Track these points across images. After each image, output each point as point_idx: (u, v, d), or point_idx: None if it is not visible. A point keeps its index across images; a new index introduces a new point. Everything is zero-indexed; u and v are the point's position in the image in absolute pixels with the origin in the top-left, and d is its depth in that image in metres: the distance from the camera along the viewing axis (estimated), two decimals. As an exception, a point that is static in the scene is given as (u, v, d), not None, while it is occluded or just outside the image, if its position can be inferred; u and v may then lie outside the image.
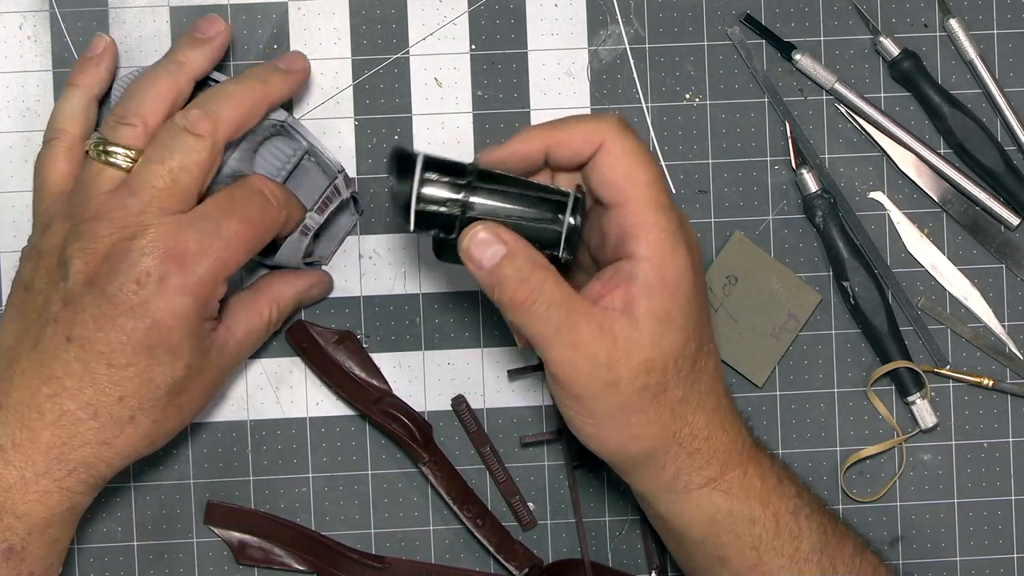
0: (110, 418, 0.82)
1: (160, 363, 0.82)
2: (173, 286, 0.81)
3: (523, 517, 0.97)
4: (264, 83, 0.87)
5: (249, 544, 0.96)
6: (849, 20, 0.97)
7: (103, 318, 0.81)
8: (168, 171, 0.83)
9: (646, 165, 0.81)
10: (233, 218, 0.83)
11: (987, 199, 0.97)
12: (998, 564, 0.98)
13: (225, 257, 0.82)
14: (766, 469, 0.85)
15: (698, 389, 0.82)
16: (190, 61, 0.87)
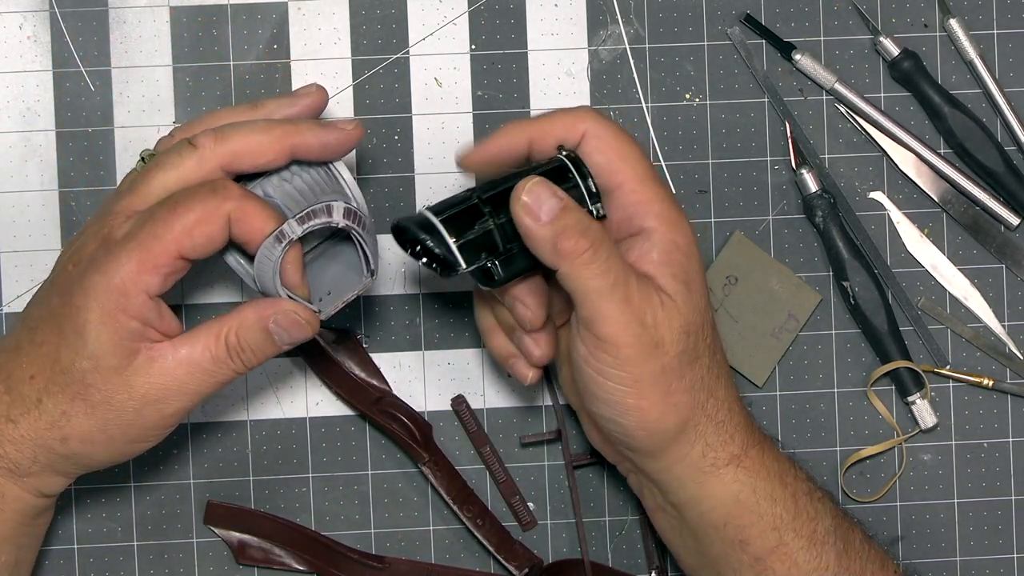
0: (20, 395, 0.81)
1: (67, 343, 0.80)
2: (94, 267, 0.80)
3: (523, 517, 0.97)
4: (294, 127, 0.83)
5: (249, 544, 0.96)
6: (849, 20, 0.97)
7: (44, 294, 0.83)
8: (150, 169, 0.82)
9: (631, 144, 0.84)
10: (165, 203, 0.81)
11: (987, 199, 0.97)
12: (998, 564, 0.98)
13: (150, 243, 0.80)
14: (778, 451, 0.86)
15: (718, 359, 0.84)
16: (263, 107, 0.85)
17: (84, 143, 0.95)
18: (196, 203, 0.80)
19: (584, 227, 0.81)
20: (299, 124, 0.83)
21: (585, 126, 0.83)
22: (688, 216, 0.96)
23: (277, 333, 0.83)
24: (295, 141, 0.83)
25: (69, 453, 0.82)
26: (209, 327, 0.82)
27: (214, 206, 0.80)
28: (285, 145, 0.82)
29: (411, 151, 0.96)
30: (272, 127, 0.83)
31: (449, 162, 0.96)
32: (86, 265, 0.81)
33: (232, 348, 0.83)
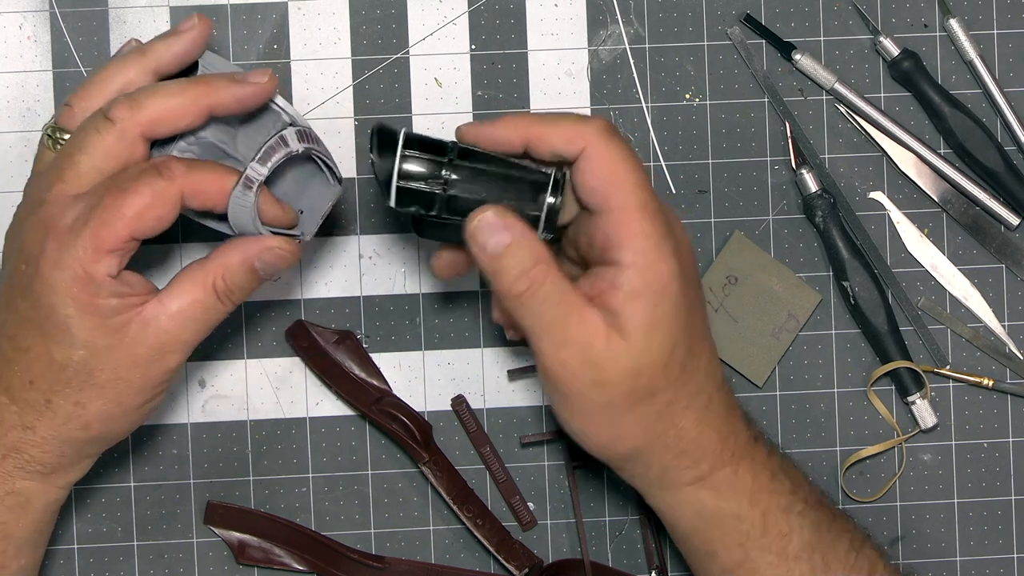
0: (26, 403, 0.81)
1: (55, 342, 0.80)
2: (48, 263, 0.79)
3: (523, 517, 0.97)
4: (209, 87, 0.81)
5: (249, 544, 0.96)
6: (849, 20, 0.97)
7: (8, 300, 0.81)
8: (72, 151, 0.81)
9: (630, 171, 0.80)
10: (113, 192, 0.79)
11: (987, 199, 0.97)
12: (998, 564, 0.98)
13: (101, 231, 0.79)
14: (760, 465, 0.85)
15: (687, 391, 0.82)
16: (152, 52, 0.83)
17: (84, 143, 0.95)
18: (144, 187, 0.79)
19: (524, 269, 0.79)
20: (213, 82, 0.82)
21: (584, 143, 0.80)
22: (688, 216, 0.97)
23: (263, 269, 0.83)
24: (211, 101, 0.81)
25: (93, 437, 0.83)
26: (193, 276, 0.82)
27: (162, 189, 0.80)
28: (202, 106, 0.81)
29: (411, 151, 0.96)
30: (186, 89, 0.81)
31: (449, 162, 0.96)
32: (40, 262, 0.80)
33: (221, 293, 0.83)
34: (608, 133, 0.80)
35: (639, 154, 0.96)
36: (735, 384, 0.97)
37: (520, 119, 0.82)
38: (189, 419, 0.96)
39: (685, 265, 0.81)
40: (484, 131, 0.82)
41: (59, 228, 0.79)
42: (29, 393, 0.81)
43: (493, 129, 0.82)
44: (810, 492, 0.87)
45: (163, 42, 0.84)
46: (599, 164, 0.80)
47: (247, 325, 0.96)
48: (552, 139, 0.81)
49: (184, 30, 0.84)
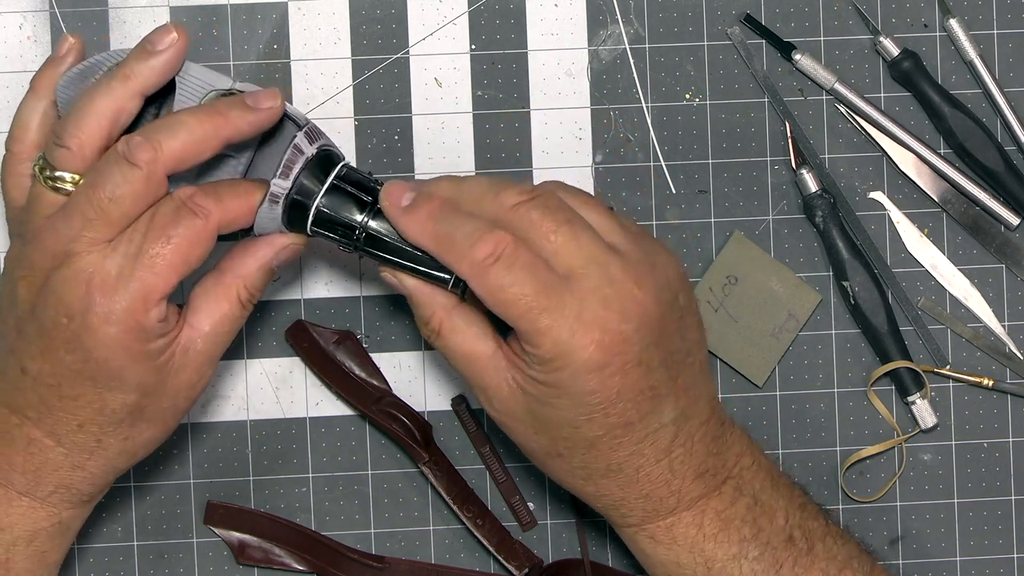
0: (75, 444, 0.81)
1: (108, 391, 0.80)
2: (98, 317, 0.78)
3: (523, 517, 0.97)
4: (223, 117, 0.80)
5: (249, 544, 0.96)
6: (849, 20, 0.97)
7: (46, 351, 0.80)
8: (99, 199, 0.79)
9: (512, 299, 0.79)
10: (155, 240, 0.79)
11: (987, 199, 0.97)
12: (998, 564, 0.98)
13: (151, 281, 0.79)
14: (712, 515, 0.84)
15: (603, 462, 0.83)
16: (136, 75, 0.81)
17: (84, 143, 0.95)
18: (185, 231, 0.79)
19: (424, 320, 0.83)
20: (228, 113, 0.81)
21: (464, 276, 0.80)
22: (688, 216, 0.97)
23: (277, 267, 0.84)
24: (229, 133, 0.81)
25: (135, 461, 0.84)
26: (216, 292, 0.83)
27: (201, 228, 0.79)
28: (221, 138, 0.80)
29: (411, 151, 0.96)
30: (203, 122, 0.80)
31: (449, 162, 0.96)
32: (88, 317, 0.78)
33: (245, 301, 0.83)
34: (483, 269, 0.79)
35: (639, 155, 0.96)
36: (735, 384, 0.97)
37: (420, 224, 0.80)
38: (189, 419, 0.96)
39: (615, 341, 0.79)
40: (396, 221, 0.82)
41: (104, 282, 0.78)
42: (78, 436, 0.81)
43: (401, 226, 0.81)
44: (773, 532, 0.85)
45: (144, 62, 0.81)
46: (481, 296, 0.80)
47: (247, 325, 0.96)
48: (440, 261, 0.81)
49: (163, 48, 0.81)
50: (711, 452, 0.84)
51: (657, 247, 0.83)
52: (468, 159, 0.96)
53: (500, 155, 0.96)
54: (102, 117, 0.80)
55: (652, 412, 0.81)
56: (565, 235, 0.79)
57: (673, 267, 0.83)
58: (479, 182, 0.82)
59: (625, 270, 0.80)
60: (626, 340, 0.79)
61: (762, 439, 0.97)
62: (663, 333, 0.81)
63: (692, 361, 0.83)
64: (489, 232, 0.79)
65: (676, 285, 0.82)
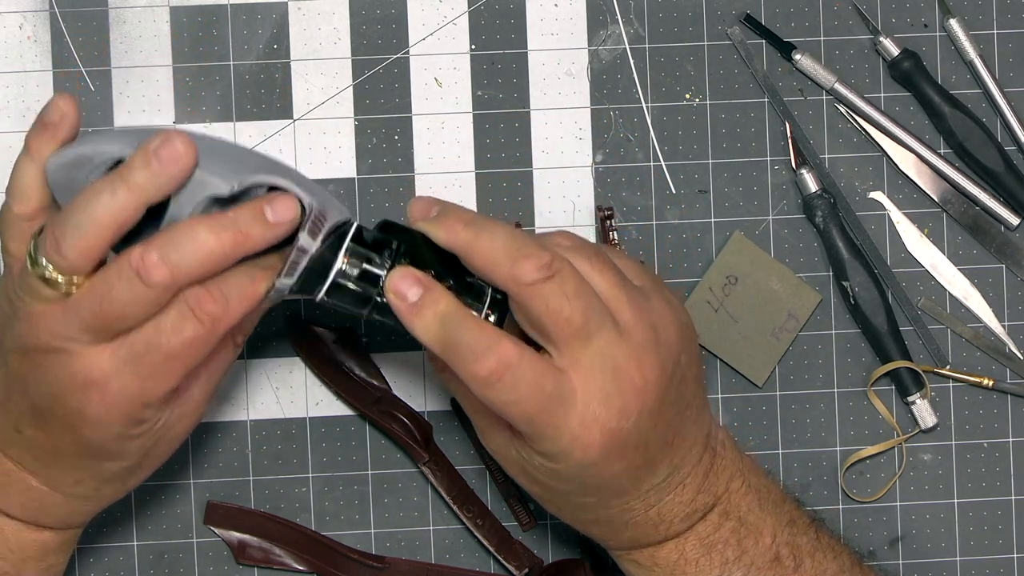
0: (73, 494, 0.83)
1: (107, 460, 0.81)
2: (95, 415, 0.78)
3: (523, 517, 0.97)
4: (242, 235, 0.76)
5: (249, 544, 0.96)
6: (849, 20, 0.97)
7: (40, 427, 0.80)
8: (106, 313, 0.76)
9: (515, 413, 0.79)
10: (159, 348, 0.77)
11: (987, 199, 0.97)
12: (998, 564, 0.98)
13: (152, 386, 0.77)
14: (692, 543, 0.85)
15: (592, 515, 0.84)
16: (141, 190, 0.75)
17: (84, 143, 0.95)
18: (189, 341, 0.77)
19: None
20: (247, 230, 0.77)
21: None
22: (688, 216, 0.97)
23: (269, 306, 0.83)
24: (247, 251, 0.77)
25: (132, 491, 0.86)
26: None
27: (205, 335, 0.77)
28: (237, 257, 0.77)
29: (411, 151, 0.96)
30: (222, 242, 0.76)
31: (449, 162, 0.96)
32: (87, 414, 0.78)
33: (239, 344, 0.83)
34: (486, 386, 0.78)
35: (639, 155, 0.96)
36: (735, 384, 0.97)
37: (431, 326, 0.78)
38: (189, 419, 0.96)
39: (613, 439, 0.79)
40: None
41: (104, 384, 0.77)
42: (76, 488, 0.83)
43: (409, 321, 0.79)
44: (768, 549, 0.86)
45: (151, 178, 0.75)
46: (484, 402, 0.79)
47: (247, 325, 0.96)
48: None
49: (171, 166, 0.75)
50: (701, 489, 0.84)
51: (661, 308, 0.82)
52: (468, 159, 0.96)
53: (500, 155, 0.96)
54: (104, 228, 0.76)
55: (646, 478, 0.82)
56: (578, 324, 0.78)
57: (675, 327, 0.82)
58: (495, 237, 0.78)
59: (629, 355, 0.79)
60: (625, 435, 0.79)
61: (762, 439, 0.97)
62: (662, 408, 0.81)
63: (688, 415, 0.83)
64: (495, 346, 0.77)
65: (677, 347, 0.82)
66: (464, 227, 0.79)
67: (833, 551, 0.87)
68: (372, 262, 0.79)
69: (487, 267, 0.78)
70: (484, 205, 0.96)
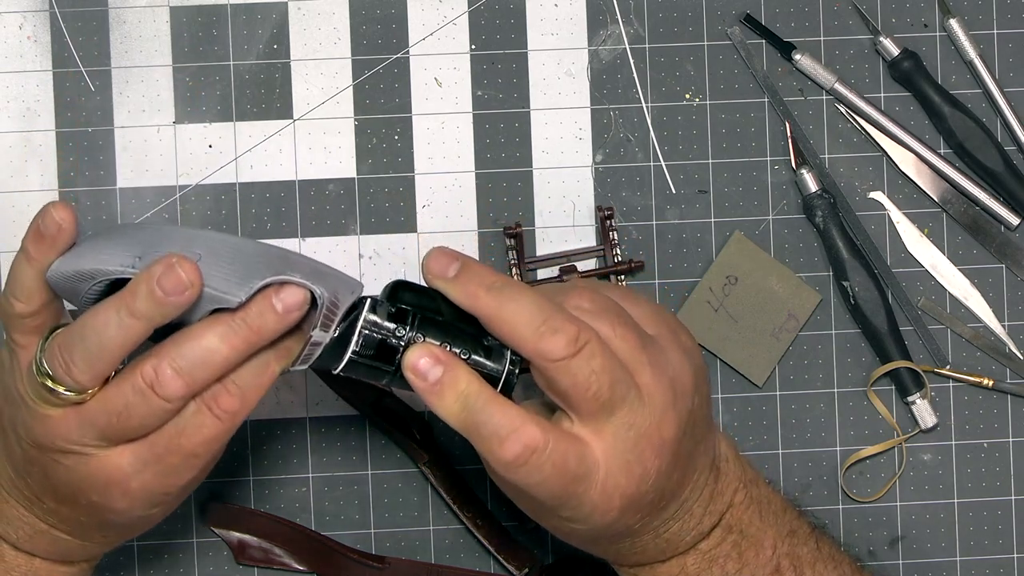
0: (84, 534, 0.84)
1: (123, 526, 0.83)
2: (118, 508, 0.80)
3: (523, 517, 0.97)
4: (253, 332, 0.76)
5: (249, 544, 0.96)
6: (849, 20, 0.97)
7: (64, 503, 0.81)
8: (123, 424, 0.77)
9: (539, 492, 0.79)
10: (178, 452, 0.78)
11: (987, 199, 0.97)
12: (998, 564, 0.98)
13: (171, 481, 0.79)
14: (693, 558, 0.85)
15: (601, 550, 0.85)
16: (148, 318, 0.75)
17: (84, 143, 0.95)
18: (207, 434, 0.77)
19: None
20: (257, 324, 0.76)
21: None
22: (688, 216, 0.97)
23: None
24: (259, 345, 0.77)
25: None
26: None
27: (224, 431, 0.78)
28: (251, 352, 0.77)
29: (411, 151, 0.96)
30: (235, 348, 0.76)
31: (449, 162, 0.96)
32: (110, 507, 0.80)
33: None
34: (511, 470, 0.78)
35: (639, 155, 0.96)
36: (735, 384, 0.97)
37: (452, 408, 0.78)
38: (189, 419, 0.96)
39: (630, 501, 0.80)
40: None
41: (125, 484, 0.78)
42: (95, 535, 0.84)
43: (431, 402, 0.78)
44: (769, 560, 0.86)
45: (158, 308, 0.75)
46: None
47: (247, 325, 0.96)
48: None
49: (176, 290, 0.75)
50: (707, 511, 0.85)
51: (677, 358, 0.82)
52: (468, 159, 0.96)
53: (500, 155, 0.96)
54: (113, 354, 0.76)
55: (657, 518, 0.83)
56: (603, 400, 0.78)
57: (690, 376, 0.82)
58: (519, 309, 0.77)
59: (650, 421, 0.79)
60: (643, 495, 0.80)
61: (762, 439, 0.97)
62: (677, 460, 0.81)
63: (699, 448, 0.83)
64: (521, 430, 0.77)
65: (691, 394, 0.82)
66: (486, 292, 0.78)
67: (834, 560, 0.87)
68: (388, 339, 0.78)
69: (511, 338, 0.78)
70: (484, 205, 0.96)
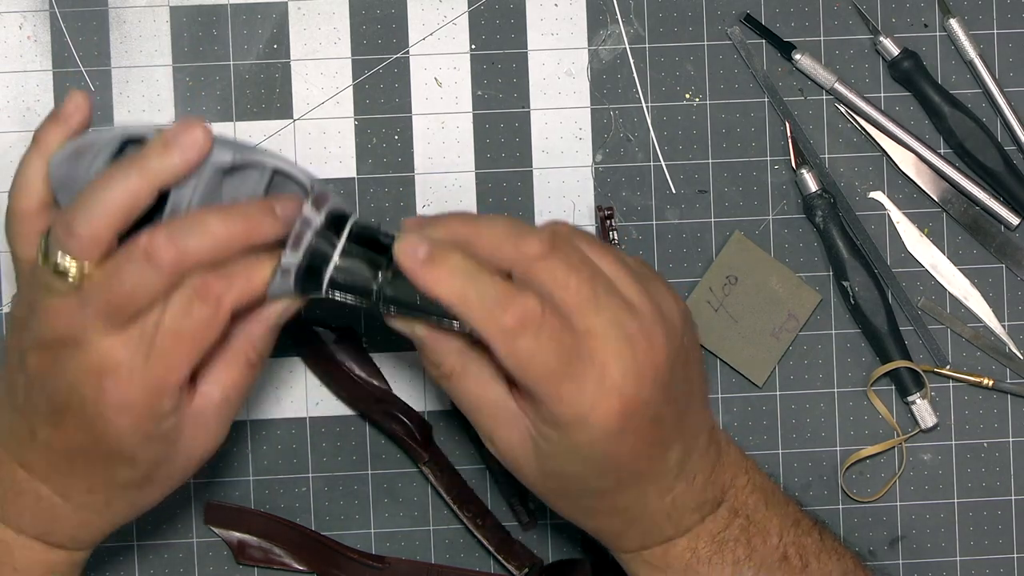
0: (84, 505, 0.82)
1: (119, 465, 0.80)
2: (111, 408, 0.78)
3: (523, 517, 0.97)
4: (251, 224, 0.78)
5: (249, 544, 0.96)
6: (849, 20, 0.97)
7: (57, 425, 0.80)
8: (116, 296, 0.77)
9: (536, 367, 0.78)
10: (168, 332, 0.77)
11: (987, 199, 0.97)
12: (998, 564, 0.98)
13: (164, 372, 0.78)
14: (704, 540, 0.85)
15: (609, 504, 0.83)
16: (155, 173, 0.77)
17: (84, 143, 0.95)
18: (198, 324, 0.78)
19: (435, 363, 0.80)
20: (257, 219, 0.78)
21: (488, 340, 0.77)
22: (688, 216, 0.97)
23: (283, 321, 0.83)
24: (255, 241, 0.78)
25: (141, 515, 0.85)
26: (225, 357, 0.82)
27: (212, 318, 0.78)
28: (244, 247, 0.78)
29: (411, 151, 0.96)
30: (230, 230, 0.77)
31: (449, 162, 0.96)
32: (101, 407, 0.78)
33: (255, 363, 0.83)
34: (510, 336, 0.77)
35: (639, 155, 0.96)
36: (735, 384, 0.97)
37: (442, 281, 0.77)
38: (189, 419, 0.96)
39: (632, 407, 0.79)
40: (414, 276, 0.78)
41: (117, 374, 0.78)
42: (88, 497, 0.82)
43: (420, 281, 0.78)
44: (776, 548, 0.86)
45: (166, 161, 0.77)
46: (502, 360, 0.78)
47: (247, 325, 0.96)
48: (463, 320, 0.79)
49: (186, 144, 0.77)
50: (709, 481, 0.84)
51: (662, 290, 0.82)
52: (468, 159, 0.96)
53: (500, 155, 0.96)
54: (115, 210, 0.77)
55: (660, 458, 0.82)
56: (587, 294, 0.78)
57: (676, 311, 0.82)
58: (494, 225, 0.79)
59: (641, 328, 0.79)
60: (642, 404, 0.79)
61: (762, 439, 0.97)
62: (672, 382, 0.81)
63: (696, 398, 0.84)
64: (517, 297, 0.77)
65: (680, 327, 0.82)
66: (462, 224, 0.79)
67: (837, 553, 0.87)
68: (377, 237, 0.79)
69: (491, 249, 0.78)
70: (484, 205, 0.96)
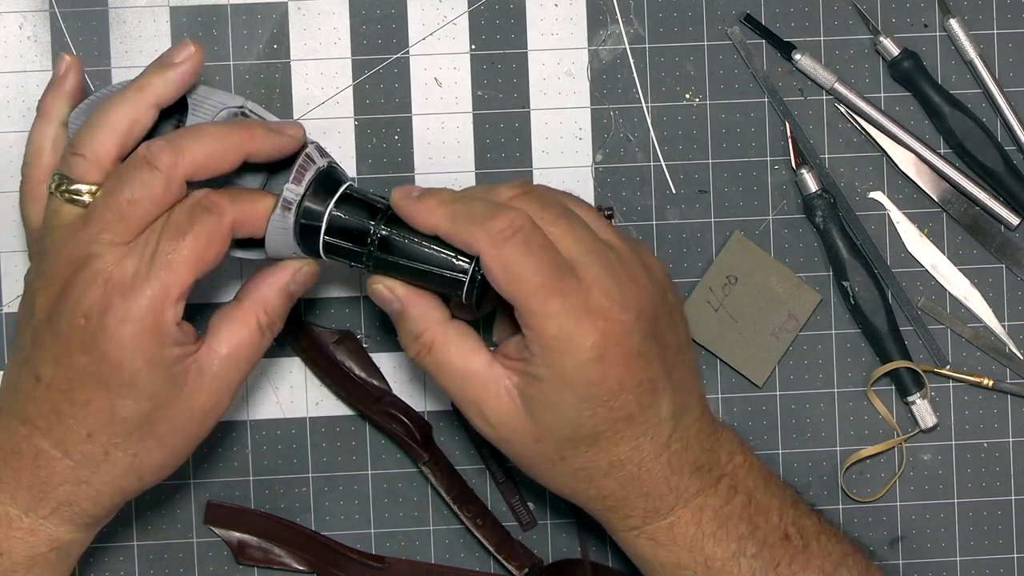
0: (83, 456, 0.81)
1: (120, 396, 0.80)
2: (115, 317, 0.79)
3: (523, 517, 0.97)
4: (250, 136, 0.82)
5: (249, 544, 0.96)
6: (849, 20, 0.97)
7: (60, 354, 0.80)
8: (119, 202, 0.80)
9: (524, 277, 0.80)
10: (171, 239, 0.79)
11: (987, 199, 0.97)
12: (998, 564, 0.98)
13: (168, 280, 0.79)
14: (710, 513, 0.85)
15: (605, 460, 0.83)
16: (151, 87, 0.82)
17: (84, 143, 0.95)
18: (200, 228, 0.80)
19: (415, 334, 0.83)
20: (253, 131, 0.82)
21: (478, 252, 0.81)
22: (688, 216, 0.97)
23: (296, 291, 0.85)
24: (250, 149, 0.82)
25: (143, 487, 0.84)
26: (234, 316, 0.83)
27: (215, 226, 0.80)
28: (241, 153, 0.82)
29: (411, 151, 0.96)
30: (227, 135, 0.81)
31: (449, 162, 0.96)
32: (105, 317, 0.79)
33: (265, 327, 0.84)
34: (500, 242, 0.80)
35: (639, 155, 0.96)
36: (735, 384, 0.97)
37: (433, 209, 0.82)
38: (189, 419, 0.96)
39: (618, 333, 0.81)
40: (409, 211, 0.83)
41: (122, 282, 0.79)
42: (86, 446, 0.81)
43: (414, 214, 0.82)
44: (770, 530, 0.86)
45: (160, 75, 0.83)
46: (493, 272, 0.80)
47: (247, 325, 0.96)
48: (455, 241, 0.82)
49: (179, 61, 0.83)
50: (705, 448, 0.85)
51: (642, 247, 0.85)
52: (468, 159, 0.96)
53: (500, 155, 0.96)
54: (117, 127, 0.82)
55: (651, 405, 0.82)
56: (564, 226, 0.82)
57: (658, 266, 0.85)
58: (472, 188, 0.85)
59: (621, 263, 0.82)
60: (627, 330, 0.81)
61: (762, 439, 0.97)
62: (658, 326, 0.83)
63: (683, 358, 0.85)
64: (505, 210, 0.81)
65: (664, 282, 0.85)
66: (444, 189, 0.83)
67: (836, 536, 0.88)
68: (373, 201, 0.83)
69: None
70: (484, 205, 0.96)
